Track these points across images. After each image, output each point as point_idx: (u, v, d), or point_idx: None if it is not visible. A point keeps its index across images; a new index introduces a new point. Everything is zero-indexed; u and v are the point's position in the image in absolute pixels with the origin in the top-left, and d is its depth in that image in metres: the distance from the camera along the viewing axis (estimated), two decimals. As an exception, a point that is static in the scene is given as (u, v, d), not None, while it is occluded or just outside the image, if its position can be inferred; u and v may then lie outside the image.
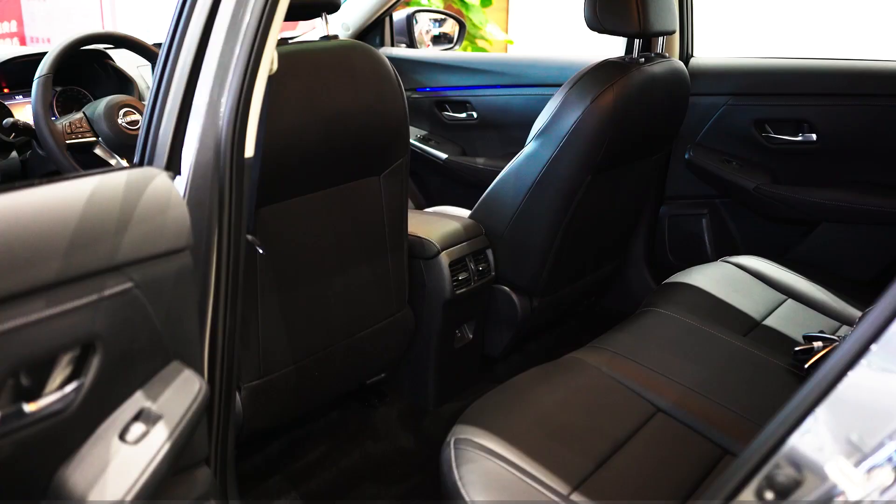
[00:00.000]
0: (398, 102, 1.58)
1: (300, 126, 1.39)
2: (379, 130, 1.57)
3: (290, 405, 1.64)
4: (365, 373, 1.84)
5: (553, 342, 2.39)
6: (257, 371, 1.51)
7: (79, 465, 0.92)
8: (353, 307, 1.68)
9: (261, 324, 1.48)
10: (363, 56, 1.52)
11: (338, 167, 1.52)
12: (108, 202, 0.94)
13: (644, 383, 1.41)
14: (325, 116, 1.44)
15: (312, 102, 1.41)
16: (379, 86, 1.54)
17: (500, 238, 1.99)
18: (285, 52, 1.36)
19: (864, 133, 2.18)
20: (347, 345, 1.68)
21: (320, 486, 1.75)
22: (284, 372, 1.56)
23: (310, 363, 1.61)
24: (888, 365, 0.67)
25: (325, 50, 1.47)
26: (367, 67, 1.52)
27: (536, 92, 2.49)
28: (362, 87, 1.50)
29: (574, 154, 1.82)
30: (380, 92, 1.54)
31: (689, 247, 2.45)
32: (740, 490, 0.69)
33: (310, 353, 1.60)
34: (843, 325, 1.75)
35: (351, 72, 1.49)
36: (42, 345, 0.85)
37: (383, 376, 1.95)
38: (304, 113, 1.39)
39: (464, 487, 1.13)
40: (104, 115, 1.69)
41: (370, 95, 1.52)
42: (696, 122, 2.32)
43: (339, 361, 1.68)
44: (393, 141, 1.62)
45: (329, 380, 1.70)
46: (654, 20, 1.86)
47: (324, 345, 1.63)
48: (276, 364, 1.54)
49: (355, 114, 1.50)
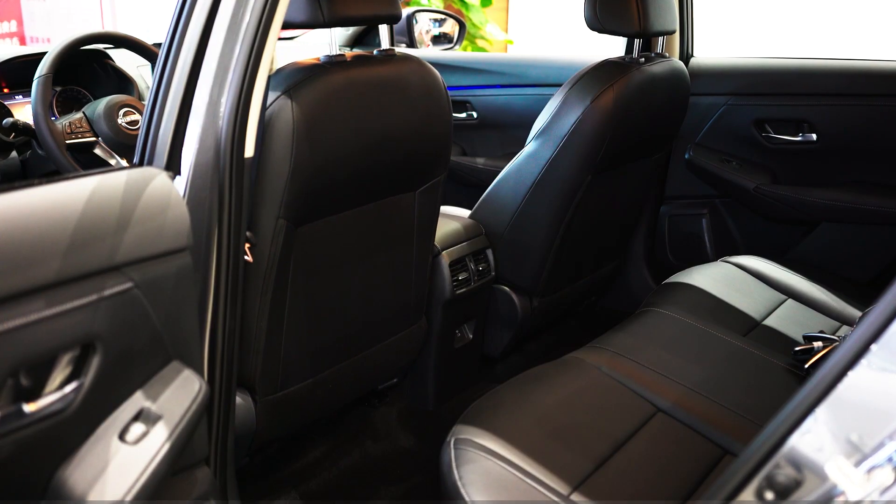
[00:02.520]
0: (445, 121, 1.54)
1: (348, 146, 1.36)
2: (423, 149, 1.53)
3: (304, 415, 1.63)
4: (378, 379, 1.84)
5: (553, 342, 2.39)
6: (276, 385, 1.48)
7: (79, 465, 0.92)
8: (373, 320, 1.65)
9: (285, 339, 1.45)
10: (417, 74, 1.47)
11: (377, 185, 1.48)
12: (107, 202, 0.94)
13: (644, 383, 1.41)
14: (374, 136, 1.39)
15: (362, 122, 1.37)
16: (428, 105, 1.49)
17: (500, 238, 1.99)
18: (342, 68, 1.33)
19: (864, 133, 2.18)
20: (364, 356, 1.66)
21: (320, 486, 1.75)
22: (302, 385, 1.54)
23: (327, 375, 1.59)
24: (888, 365, 0.67)
25: (381, 66, 1.41)
26: (420, 86, 1.47)
27: (536, 92, 2.49)
28: (413, 106, 1.46)
29: (574, 154, 1.82)
30: (429, 111, 1.49)
31: (689, 247, 2.45)
32: (740, 490, 0.69)
33: (328, 366, 1.59)
34: (843, 325, 1.75)
35: (404, 90, 1.44)
36: (42, 345, 0.85)
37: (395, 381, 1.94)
38: (353, 133, 1.35)
39: (464, 487, 1.13)
40: (104, 115, 1.69)
41: (419, 115, 1.48)
42: (696, 122, 2.32)
43: (355, 371, 1.66)
44: (435, 159, 1.58)
45: (343, 389, 1.69)
46: (654, 20, 1.87)
47: (342, 358, 1.61)
48: (295, 378, 1.52)
49: (403, 134, 1.45)
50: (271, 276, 1.35)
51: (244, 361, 1.41)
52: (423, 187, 1.59)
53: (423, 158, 1.55)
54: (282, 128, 1.25)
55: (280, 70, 1.33)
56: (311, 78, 1.28)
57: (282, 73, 1.31)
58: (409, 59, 1.47)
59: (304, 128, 1.26)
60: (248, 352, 1.40)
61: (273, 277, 1.35)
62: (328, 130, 1.31)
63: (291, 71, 1.31)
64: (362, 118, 1.36)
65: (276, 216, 1.30)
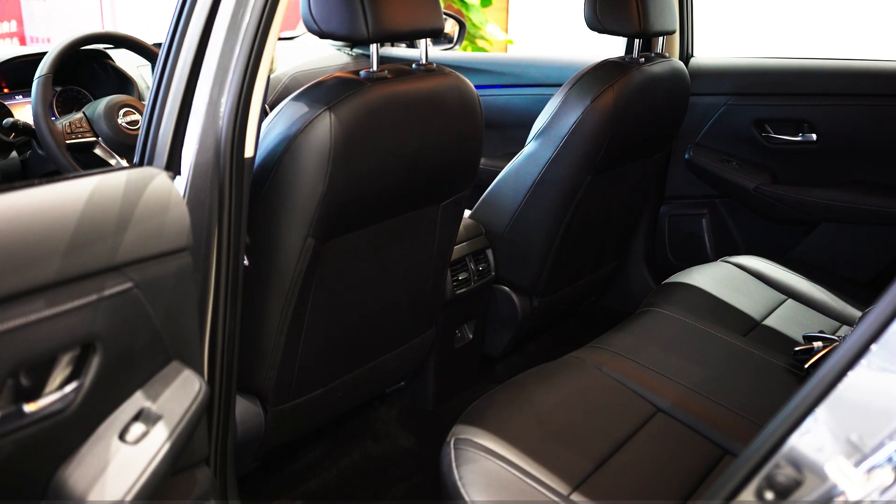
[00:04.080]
0: (477, 138, 1.52)
1: (383, 164, 1.33)
2: (453, 165, 1.51)
3: (313, 421, 1.63)
4: (387, 384, 1.83)
5: (553, 342, 2.39)
6: (288, 395, 1.47)
7: (79, 465, 0.92)
8: (387, 329, 1.64)
9: (301, 352, 1.43)
10: (455, 90, 1.44)
11: (404, 200, 1.46)
12: (108, 202, 0.94)
13: (644, 383, 1.41)
14: (409, 153, 1.37)
15: (399, 139, 1.34)
16: (463, 123, 1.46)
17: (500, 238, 1.98)
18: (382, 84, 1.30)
19: (864, 133, 2.18)
20: (375, 363, 1.66)
21: (320, 486, 1.75)
22: (314, 394, 1.53)
23: (338, 384, 1.58)
24: (888, 365, 0.67)
25: (420, 82, 1.38)
26: (457, 102, 1.44)
27: (536, 92, 2.49)
28: (448, 123, 1.43)
29: (574, 154, 1.82)
30: (462, 129, 1.47)
31: (689, 247, 2.45)
32: (740, 490, 0.69)
33: (340, 375, 1.58)
34: (843, 325, 1.75)
35: (441, 106, 1.41)
36: (42, 345, 0.85)
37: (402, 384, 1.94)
38: (389, 151, 1.33)
39: (464, 487, 1.13)
40: (104, 115, 1.69)
41: (453, 133, 1.45)
42: (696, 122, 2.32)
43: (366, 378, 1.65)
44: (463, 174, 1.56)
45: (354, 395, 1.68)
46: (654, 20, 1.87)
47: (354, 366, 1.61)
48: (307, 388, 1.51)
49: (435, 151, 1.43)
50: (294, 292, 1.33)
51: (258, 373, 1.39)
52: (447, 201, 1.57)
53: (452, 174, 1.52)
54: (318, 145, 1.22)
55: (321, 83, 1.29)
56: (351, 95, 1.25)
57: (322, 87, 1.28)
58: (447, 74, 1.44)
59: (343, 147, 1.23)
60: (263, 365, 1.38)
61: (296, 293, 1.33)
62: (365, 149, 1.28)
63: (333, 85, 1.28)
64: (399, 136, 1.34)
65: (305, 235, 1.27)
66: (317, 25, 1.28)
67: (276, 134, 1.26)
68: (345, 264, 1.41)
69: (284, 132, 1.24)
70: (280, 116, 1.27)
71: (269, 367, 1.39)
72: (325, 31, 1.28)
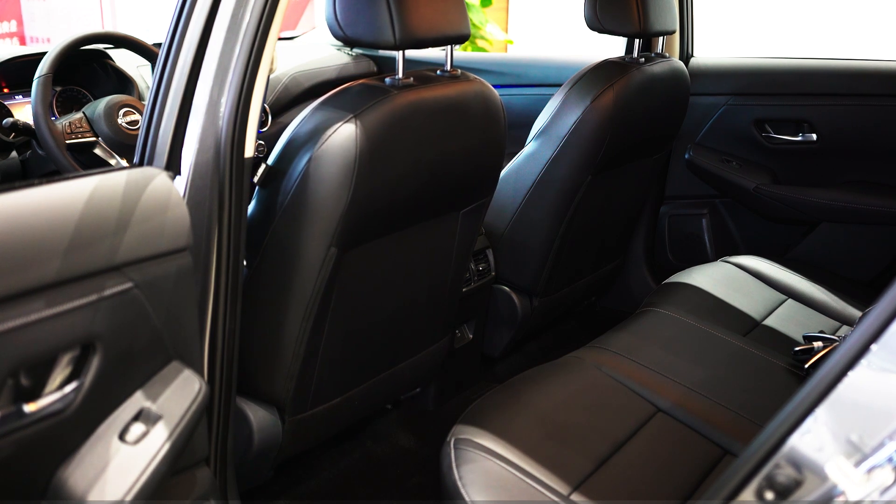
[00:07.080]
0: (500, 146, 1.51)
1: (405, 174, 1.32)
2: (475, 173, 1.50)
3: (329, 429, 1.63)
4: (402, 391, 1.83)
5: (553, 342, 2.39)
6: (305, 405, 1.47)
7: (79, 465, 0.92)
8: (404, 337, 1.64)
9: (320, 360, 1.42)
10: (480, 97, 1.42)
11: (426, 208, 1.45)
12: (108, 202, 0.94)
13: (644, 383, 1.41)
14: (430, 163, 1.36)
15: (423, 147, 1.33)
16: (486, 131, 1.45)
17: (500, 238, 1.98)
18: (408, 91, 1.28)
19: (864, 133, 2.18)
20: (392, 371, 1.65)
21: (320, 485, 1.75)
22: (331, 403, 1.53)
23: (355, 393, 1.58)
24: (888, 365, 0.67)
25: (445, 89, 1.36)
26: (481, 110, 1.42)
27: (536, 92, 2.49)
28: (471, 132, 1.42)
29: (574, 154, 1.82)
30: (486, 137, 1.46)
31: (689, 247, 2.45)
32: (740, 490, 0.69)
33: (358, 384, 1.57)
34: (843, 325, 1.75)
35: (465, 114, 1.40)
36: (42, 345, 0.85)
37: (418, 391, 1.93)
38: (412, 160, 1.32)
39: (464, 487, 1.13)
40: (104, 115, 1.69)
41: (476, 141, 1.44)
42: (696, 122, 2.32)
43: (382, 387, 1.65)
44: (485, 182, 1.55)
45: (369, 403, 1.68)
46: (654, 20, 1.87)
47: (371, 375, 1.60)
48: (325, 398, 1.50)
49: (458, 159, 1.42)
50: (316, 301, 1.32)
51: (277, 383, 1.38)
52: (468, 208, 1.56)
53: (474, 181, 1.51)
54: (343, 154, 1.20)
55: (346, 90, 1.28)
56: (378, 103, 1.23)
57: (348, 94, 1.26)
58: (472, 81, 1.42)
59: (368, 156, 1.21)
60: (282, 375, 1.37)
61: (318, 303, 1.32)
62: (390, 158, 1.27)
63: (359, 92, 1.26)
64: (424, 144, 1.32)
65: (328, 245, 1.26)
66: (342, 31, 1.26)
67: (300, 141, 1.24)
68: (365, 272, 1.40)
69: (309, 140, 1.22)
70: (304, 123, 1.25)
71: (289, 377, 1.38)
72: (350, 37, 1.26)
